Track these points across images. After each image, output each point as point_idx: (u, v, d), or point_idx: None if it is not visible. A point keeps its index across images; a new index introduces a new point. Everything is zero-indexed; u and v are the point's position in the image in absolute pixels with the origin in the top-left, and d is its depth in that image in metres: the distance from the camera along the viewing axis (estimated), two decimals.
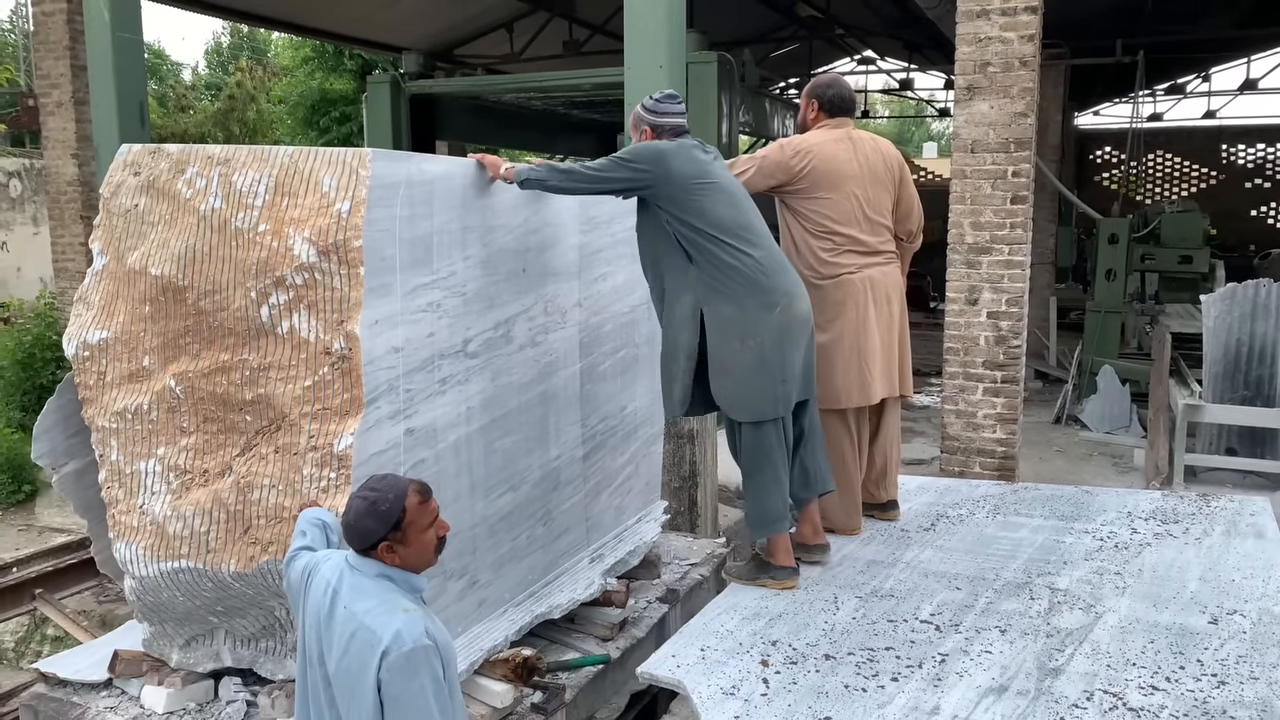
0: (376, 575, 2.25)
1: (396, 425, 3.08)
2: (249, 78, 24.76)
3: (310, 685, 2.34)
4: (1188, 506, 4.54)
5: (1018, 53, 5.74)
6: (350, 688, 2.18)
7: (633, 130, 3.83)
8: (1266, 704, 2.79)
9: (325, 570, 2.37)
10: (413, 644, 2.12)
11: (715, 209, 3.56)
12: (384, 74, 11.13)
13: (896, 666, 3.08)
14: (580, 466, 4.10)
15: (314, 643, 2.31)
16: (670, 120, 3.74)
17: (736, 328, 3.55)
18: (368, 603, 2.20)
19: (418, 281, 3.14)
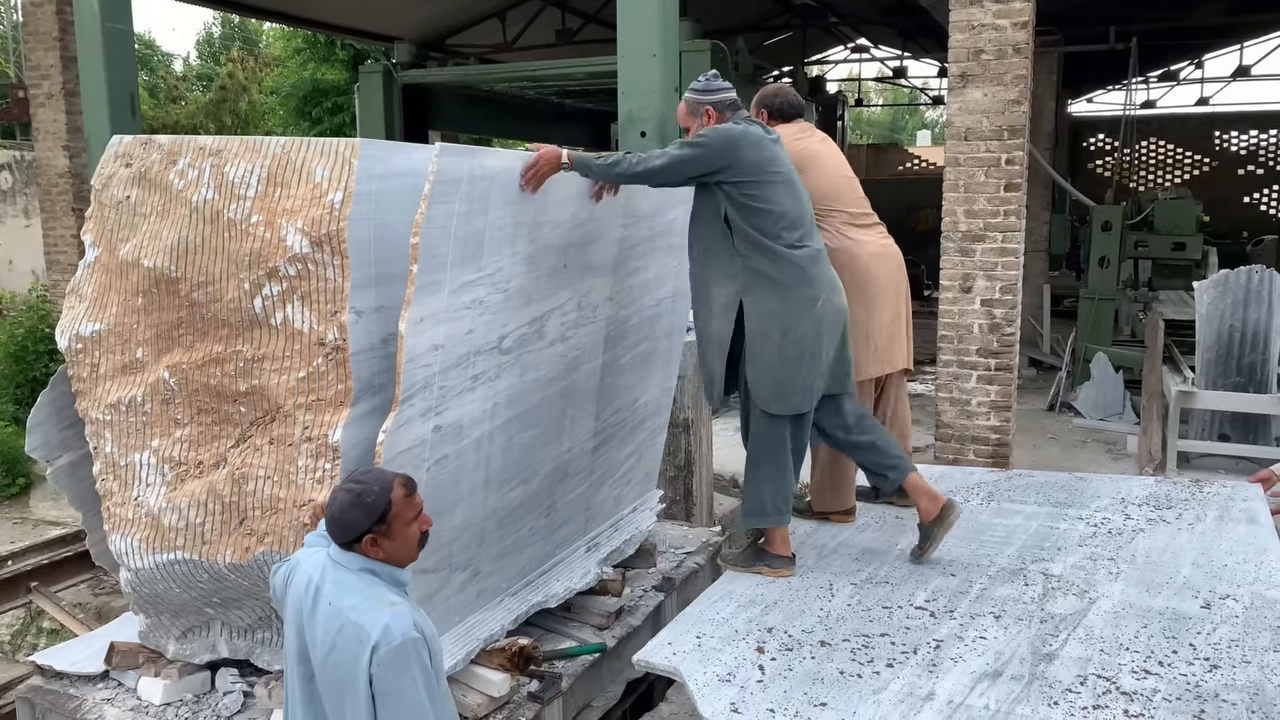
0: (360, 569, 2.25)
1: (426, 422, 3.04)
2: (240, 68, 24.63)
3: (292, 683, 2.33)
4: (1181, 492, 4.56)
5: (1011, 40, 5.73)
6: (339, 683, 2.17)
7: (688, 118, 3.76)
8: (1258, 687, 2.80)
9: (306, 567, 2.35)
10: (402, 637, 2.12)
11: (778, 198, 3.54)
12: (376, 64, 11.09)
13: (892, 652, 3.09)
14: (589, 458, 4.09)
15: (294, 640, 2.30)
16: (728, 94, 3.71)
17: (779, 320, 3.53)
18: (353, 598, 2.20)
19: (465, 278, 3.08)
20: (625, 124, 6.26)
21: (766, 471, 3.69)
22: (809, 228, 3.64)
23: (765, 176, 3.53)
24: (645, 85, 6.12)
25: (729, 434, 8.62)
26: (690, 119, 3.76)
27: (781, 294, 3.52)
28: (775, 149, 3.64)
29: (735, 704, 2.81)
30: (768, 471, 3.69)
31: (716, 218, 3.57)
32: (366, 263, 3.03)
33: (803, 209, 3.64)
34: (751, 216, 3.52)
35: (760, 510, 3.72)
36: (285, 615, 2.36)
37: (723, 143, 3.51)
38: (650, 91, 6.12)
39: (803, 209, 3.64)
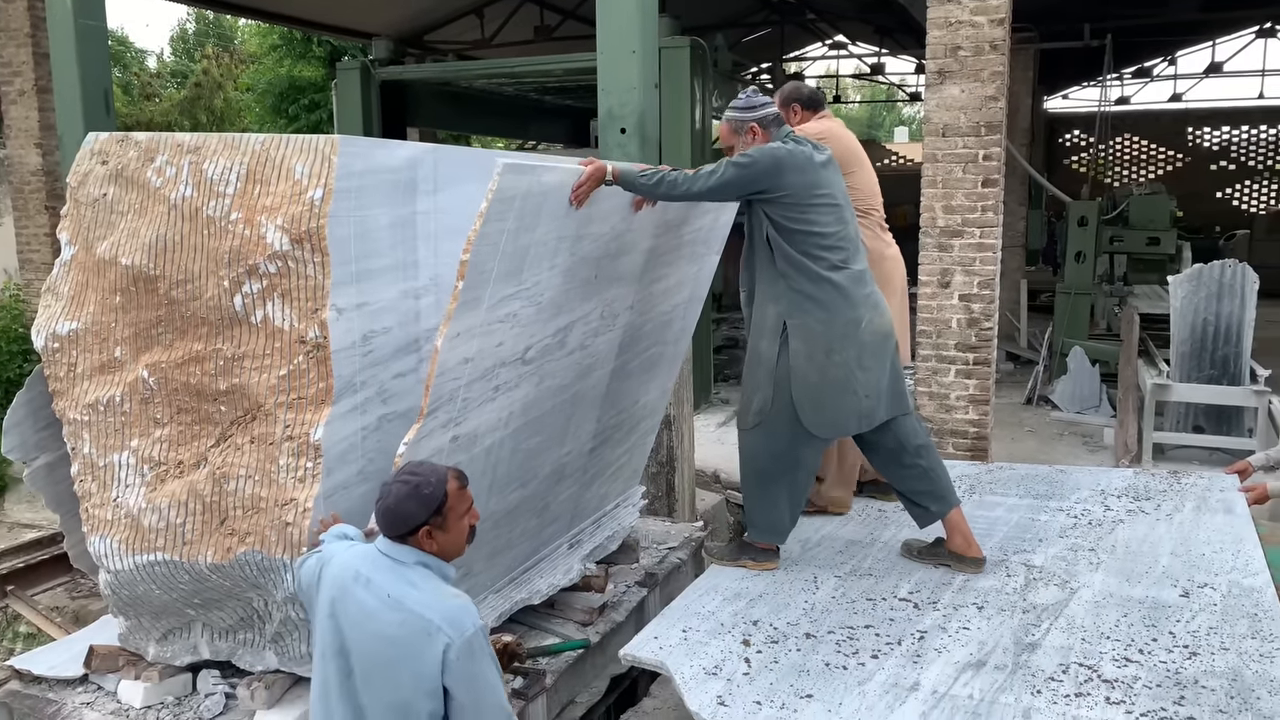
0: (415, 563, 2.25)
1: (445, 433, 3.02)
2: (216, 65, 24.40)
3: (326, 679, 2.28)
4: (1159, 483, 4.61)
5: (988, 36, 5.77)
6: (395, 678, 2.15)
7: (731, 136, 3.68)
8: (1236, 673, 2.84)
9: (347, 559, 2.31)
10: (473, 629, 2.16)
11: (821, 219, 3.48)
12: (353, 60, 11.01)
13: (876, 644, 3.11)
14: (585, 460, 4.08)
15: (332, 635, 2.25)
16: (772, 110, 3.67)
17: (822, 341, 3.49)
18: (414, 591, 2.20)
19: (505, 293, 3.04)
20: (605, 121, 6.25)
21: (779, 490, 3.64)
22: (853, 249, 3.57)
23: (809, 199, 3.47)
24: (625, 82, 6.11)
25: (710, 430, 8.64)
26: (734, 137, 3.67)
27: (824, 316, 3.48)
28: (823, 172, 3.54)
29: (722, 697, 2.81)
30: (780, 490, 3.64)
31: (760, 236, 3.55)
32: (347, 260, 3.02)
33: (847, 230, 3.57)
34: (792, 238, 3.47)
35: (767, 527, 3.70)
36: (318, 609, 2.31)
37: (769, 164, 3.44)
38: (630, 88, 6.11)
39: (847, 230, 3.57)
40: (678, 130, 8.89)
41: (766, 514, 3.68)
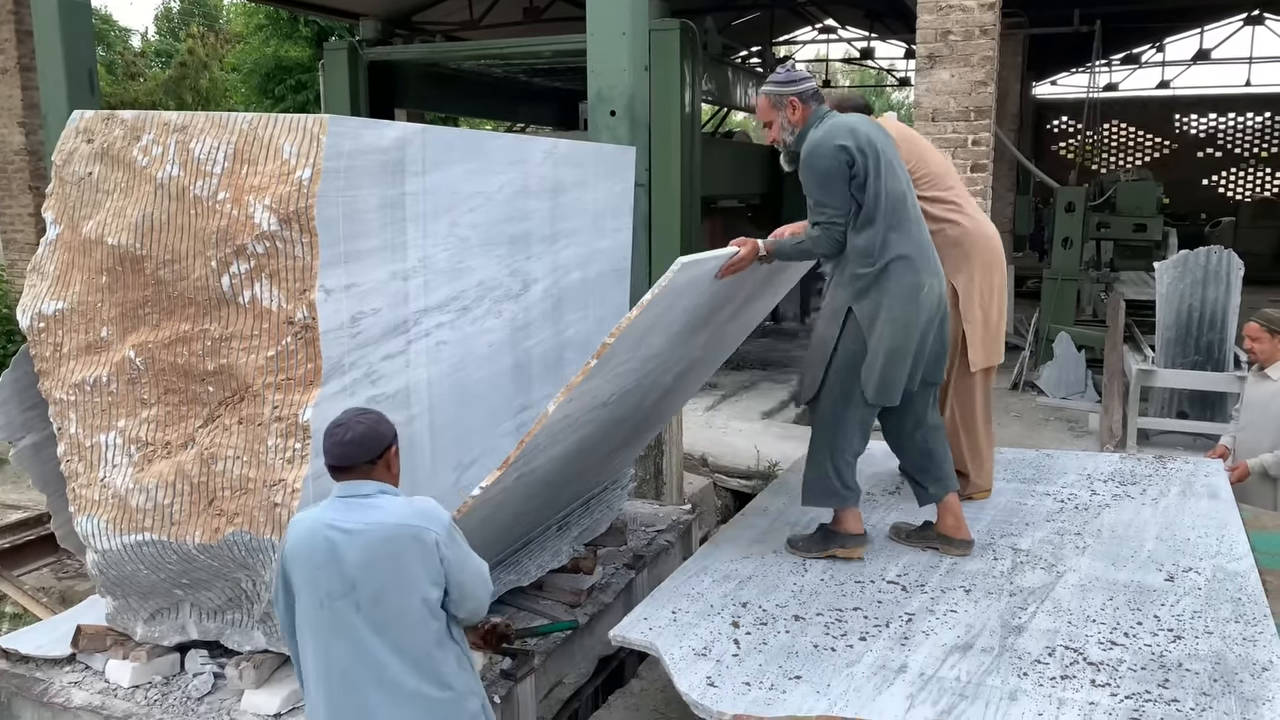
0: (377, 491, 2.47)
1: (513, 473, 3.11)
2: (201, 45, 24.17)
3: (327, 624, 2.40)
4: (1145, 468, 4.64)
5: (978, 21, 5.77)
6: (400, 584, 2.37)
7: (769, 112, 3.64)
8: (1220, 656, 2.87)
9: (307, 524, 2.45)
10: (446, 518, 2.47)
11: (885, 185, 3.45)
12: (341, 41, 10.93)
13: (864, 626, 3.13)
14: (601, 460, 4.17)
15: (324, 583, 2.39)
16: (810, 84, 3.62)
17: (884, 312, 3.47)
18: (386, 510, 2.42)
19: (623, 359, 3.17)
20: (594, 102, 6.22)
21: (827, 454, 3.61)
22: (908, 221, 3.53)
23: (862, 190, 3.44)
24: (614, 63, 6.08)
25: (699, 414, 8.65)
26: (773, 112, 3.63)
27: (884, 292, 3.46)
28: (871, 159, 3.46)
29: (711, 678, 2.83)
30: (828, 454, 3.61)
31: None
32: (335, 240, 3.00)
33: (903, 210, 3.52)
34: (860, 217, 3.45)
35: (819, 492, 3.67)
36: (296, 578, 2.45)
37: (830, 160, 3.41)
38: (619, 70, 6.08)
39: (903, 210, 3.52)
40: (667, 113, 8.86)
41: (824, 480, 3.65)
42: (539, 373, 4.33)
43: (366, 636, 2.38)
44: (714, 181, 11.07)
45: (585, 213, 4.64)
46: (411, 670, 2.40)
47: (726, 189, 13.02)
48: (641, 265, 6.45)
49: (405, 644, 2.40)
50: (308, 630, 2.45)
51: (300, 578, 2.44)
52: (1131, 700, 2.65)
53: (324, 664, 2.43)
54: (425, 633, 2.42)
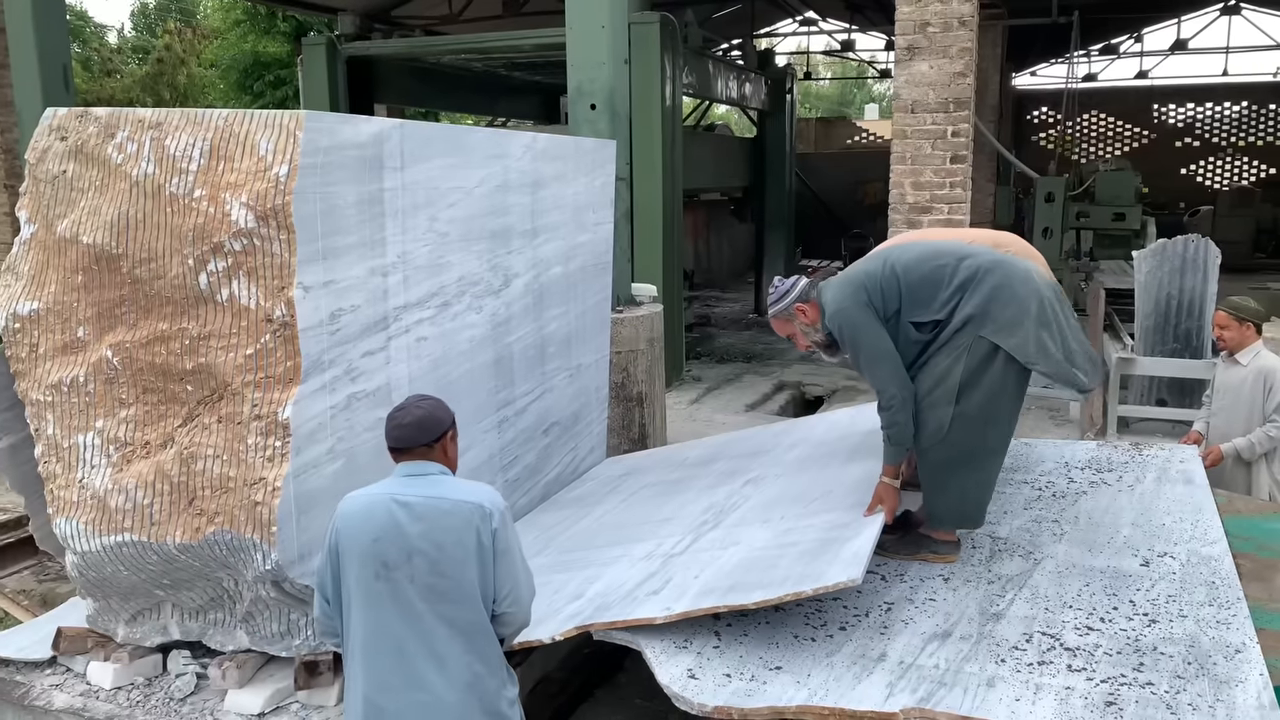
0: (439, 473, 2.56)
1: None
2: (178, 40, 23.96)
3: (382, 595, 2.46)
4: (1121, 455, 4.68)
5: (956, 12, 5.79)
6: (459, 558, 2.45)
7: (788, 327, 3.63)
8: (1194, 639, 2.91)
9: (368, 493, 2.54)
10: (504, 503, 2.55)
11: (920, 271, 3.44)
12: (319, 36, 10.87)
13: (844, 616, 3.15)
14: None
15: (381, 554, 2.45)
16: (800, 285, 3.60)
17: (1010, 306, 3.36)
18: (447, 487, 2.52)
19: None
20: (574, 96, 6.22)
21: (972, 476, 3.47)
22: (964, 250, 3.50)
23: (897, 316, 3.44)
24: (594, 57, 6.08)
25: (682, 407, 8.67)
26: (790, 326, 3.62)
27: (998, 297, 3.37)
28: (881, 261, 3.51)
29: (692, 670, 2.84)
30: (972, 476, 3.47)
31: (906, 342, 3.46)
32: (313, 237, 3.00)
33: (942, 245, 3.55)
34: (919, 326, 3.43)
35: (958, 516, 3.51)
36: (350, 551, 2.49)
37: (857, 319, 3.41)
38: (599, 63, 6.08)
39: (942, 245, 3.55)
40: (648, 106, 8.86)
41: (958, 504, 3.50)
42: (520, 368, 4.33)
43: (421, 609, 2.44)
44: (696, 174, 11.08)
45: (566, 207, 4.64)
46: (462, 644, 2.47)
47: (709, 182, 13.03)
48: (623, 259, 6.46)
49: (457, 618, 2.46)
50: (358, 602, 2.49)
51: (354, 549, 2.48)
52: (1107, 684, 2.69)
53: (374, 635, 2.47)
54: (478, 610, 2.49)
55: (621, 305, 6.23)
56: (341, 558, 2.51)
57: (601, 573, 3.50)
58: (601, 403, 5.32)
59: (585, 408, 5.08)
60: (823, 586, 2.88)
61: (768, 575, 3.10)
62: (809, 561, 3.11)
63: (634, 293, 6.57)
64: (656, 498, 4.39)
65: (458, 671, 2.46)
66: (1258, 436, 4.57)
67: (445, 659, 2.45)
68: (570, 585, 3.44)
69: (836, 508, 3.57)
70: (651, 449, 5.99)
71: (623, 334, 5.97)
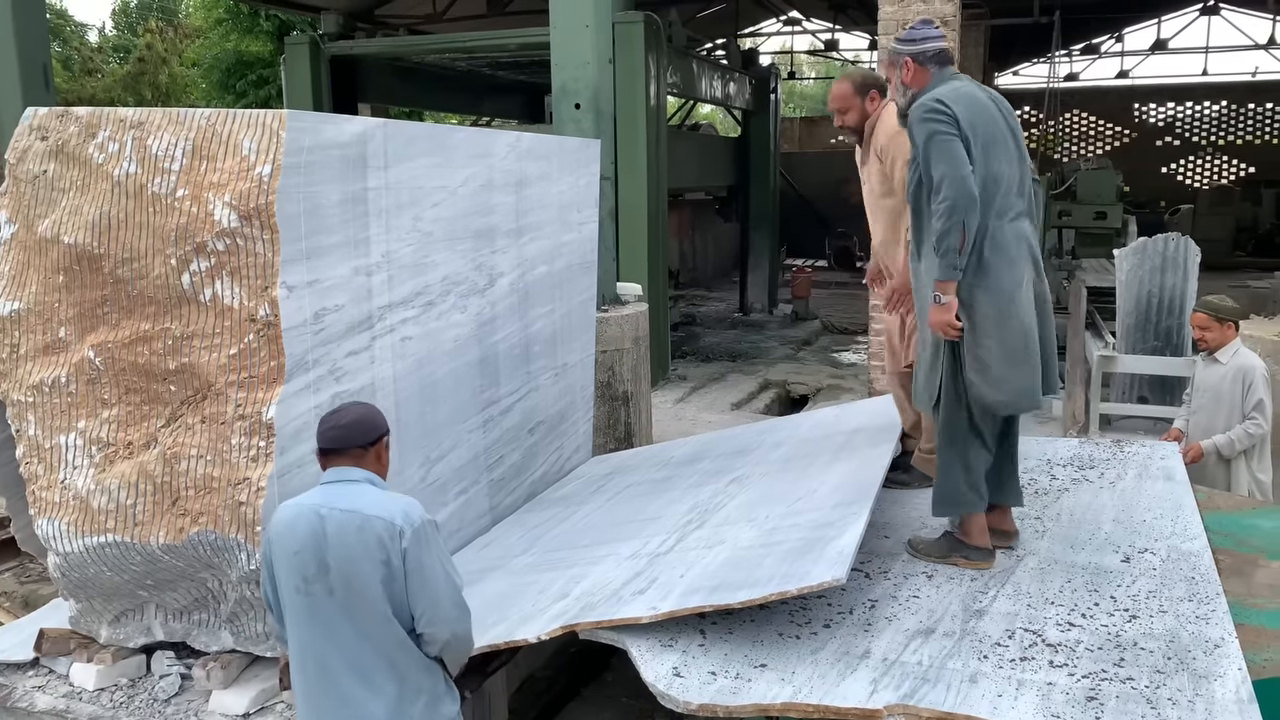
0: (363, 480, 2.49)
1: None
2: (160, 40, 23.81)
3: (304, 610, 2.42)
4: (1103, 452, 4.72)
5: (939, 12, 5.83)
6: (367, 575, 2.37)
7: (888, 69, 3.46)
8: (1174, 635, 2.94)
9: (296, 503, 2.47)
10: (420, 520, 2.43)
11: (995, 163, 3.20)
12: (302, 35, 10.84)
13: (828, 614, 3.17)
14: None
15: (304, 567, 2.40)
16: (929, 45, 3.36)
17: (991, 311, 3.24)
18: (364, 499, 2.43)
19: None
20: (559, 95, 6.22)
21: (949, 459, 3.40)
22: (1018, 200, 3.29)
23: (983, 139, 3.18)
24: (579, 57, 6.09)
25: (668, 406, 8.69)
26: (890, 69, 3.46)
27: (987, 283, 3.22)
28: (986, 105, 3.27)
29: (678, 668, 2.85)
30: (949, 459, 3.40)
31: (925, 200, 3.23)
32: (297, 237, 2.99)
33: (1014, 172, 3.27)
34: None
35: (943, 498, 3.45)
36: (279, 559, 2.46)
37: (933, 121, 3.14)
38: (584, 63, 6.09)
39: (1014, 172, 3.27)
40: (632, 105, 8.87)
41: (940, 486, 3.48)
42: (505, 367, 4.33)
43: (343, 624, 2.40)
44: (681, 174, 11.09)
45: (550, 206, 4.65)
46: (385, 661, 2.41)
47: (693, 181, 13.05)
48: (608, 258, 6.47)
49: (376, 635, 2.41)
50: (289, 615, 2.47)
51: (281, 561, 2.45)
52: (1088, 680, 2.71)
53: (301, 650, 2.45)
54: (395, 628, 2.42)
55: (607, 304, 6.24)
56: (274, 569, 2.48)
57: (587, 572, 3.50)
58: (587, 402, 5.32)
59: (571, 407, 5.08)
60: (807, 586, 2.89)
61: (753, 574, 3.11)
62: (794, 560, 3.12)
63: (619, 292, 6.59)
64: (642, 497, 4.40)
65: (382, 688, 2.41)
66: (1237, 434, 4.61)
67: (370, 676, 2.41)
68: (556, 585, 3.44)
69: (821, 506, 3.58)
70: (637, 448, 6.00)
71: (608, 333, 5.98)
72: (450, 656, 2.53)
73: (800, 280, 14.12)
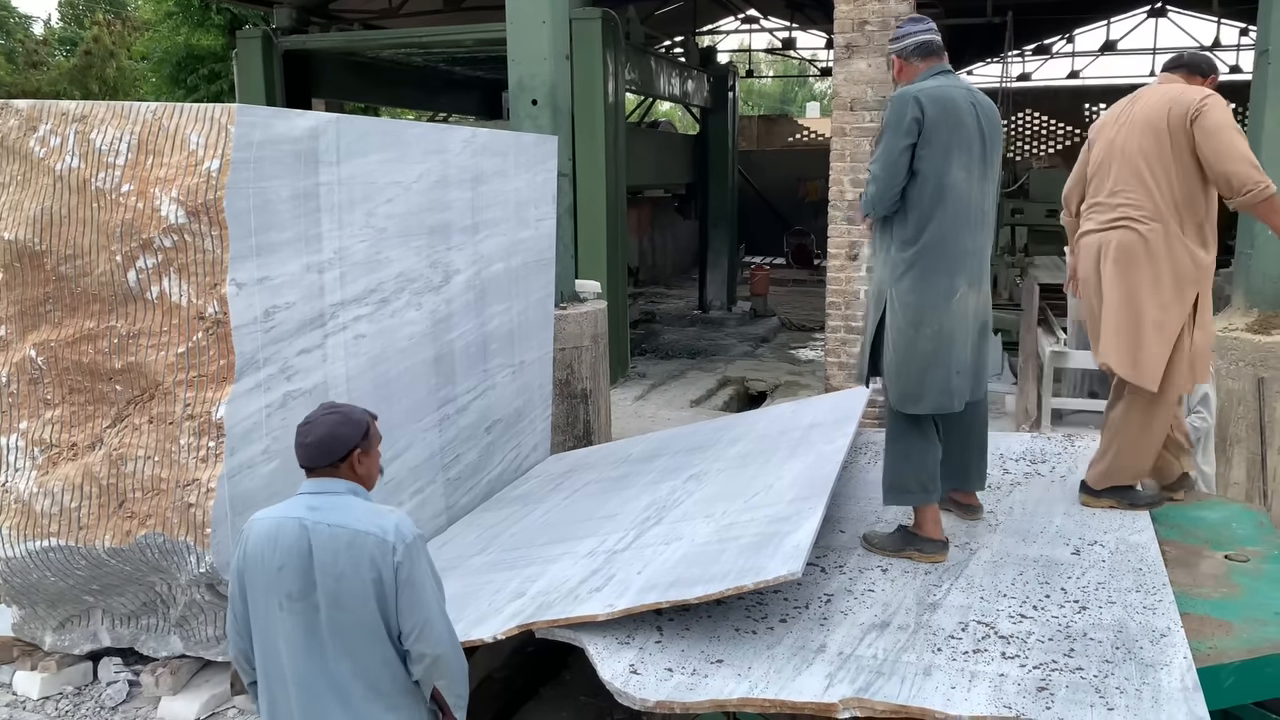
0: (345, 491, 2.37)
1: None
2: (107, 32, 23.30)
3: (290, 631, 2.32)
4: (1054, 447, 4.80)
5: (893, 11, 5.87)
6: (358, 592, 2.28)
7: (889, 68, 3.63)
8: (1122, 625, 2.99)
9: (274, 518, 2.35)
10: (412, 535, 2.33)
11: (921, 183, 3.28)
12: (255, 29, 10.67)
13: (785, 609, 3.18)
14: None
15: (285, 584, 2.29)
16: (912, 40, 3.45)
17: (913, 312, 3.35)
18: (353, 513, 2.32)
19: None
20: (515, 92, 6.19)
21: (897, 451, 3.49)
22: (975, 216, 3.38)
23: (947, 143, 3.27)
24: (535, 52, 6.06)
25: (628, 404, 8.68)
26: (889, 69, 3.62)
27: (918, 284, 3.33)
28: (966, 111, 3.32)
29: (634, 665, 2.85)
30: (898, 451, 3.49)
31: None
32: (246, 233, 2.95)
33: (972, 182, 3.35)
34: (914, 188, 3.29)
35: (892, 488, 3.53)
36: (254, 576, 2.35)
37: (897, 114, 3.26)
38: (540, 59, 6.06)
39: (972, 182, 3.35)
40: (590, 102, 8.85)
41: (888, 476, 3.56)
42: (462, 365, 4.30)
43: (325, 642, 2.30)
44: (640, 171, 11.09)
45: (507, 202, 4.62)
46: (366, 682, 2.32)
47: (652, 178, 13.06)
48: (567, 255, 6.45)
49: (360, 655, 2.31)
50: (263, 630, 2.35)
51: (260, 577, 2.33)
52: (1039, 670, 2.75)
53: (278, 667, 2.34)
54: (383, 647, 2.33)
55: (565, 301, 6.22)
56: (247, 583, 2.37)
57: (544, 570, 3.49)
58: (545, 400, 5.30)
59: (529, 405, 5.06)
60: (763, 580, 2.90)
61: (709, 570, 3.12)
62: (750, 555, 3.13)
63: (578, 289, 6.57)
64: (600, 494, 4.39)
65: (361, 710, 2.32)
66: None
67: (349, 697, 2.31)
68: (512, 584, 3.42)
69: (777, 501, 3.60)
70: (595, 445, 5.99)
71: (567, 330, 5.96)
72: (440, 678, 2.41)
73: (759, 278, 14.19)
